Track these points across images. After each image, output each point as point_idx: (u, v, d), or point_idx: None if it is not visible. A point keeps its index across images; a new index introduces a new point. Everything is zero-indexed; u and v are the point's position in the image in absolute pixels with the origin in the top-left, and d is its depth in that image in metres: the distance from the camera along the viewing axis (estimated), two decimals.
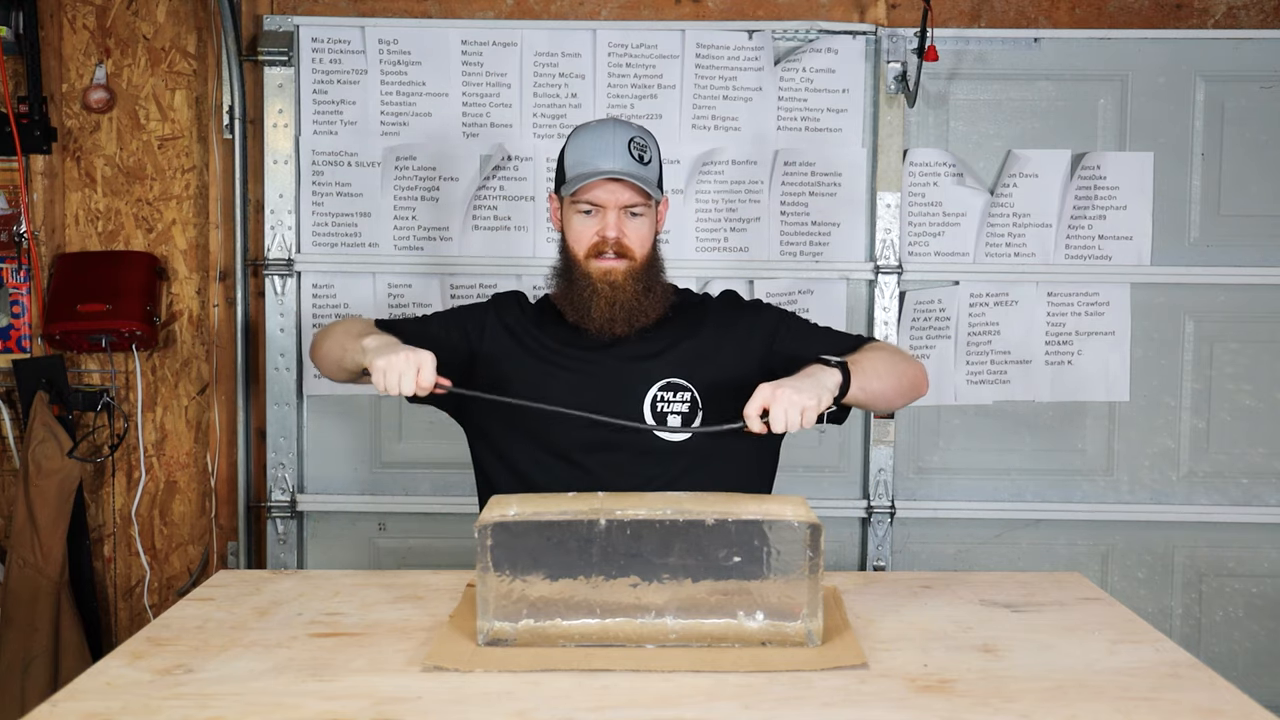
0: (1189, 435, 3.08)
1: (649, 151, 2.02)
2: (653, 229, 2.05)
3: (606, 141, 2.00)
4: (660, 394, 2.03)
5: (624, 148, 1.99)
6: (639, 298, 2.01)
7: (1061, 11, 3.06)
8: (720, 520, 1.52)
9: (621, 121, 2.06)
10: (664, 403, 2.02)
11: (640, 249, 2.02)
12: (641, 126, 2.07)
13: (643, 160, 2.00)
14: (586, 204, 2.01)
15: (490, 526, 1.51)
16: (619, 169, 1.97)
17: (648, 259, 2.04)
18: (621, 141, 1.99)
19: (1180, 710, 1.34)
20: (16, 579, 2.98)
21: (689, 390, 2.03)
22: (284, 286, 3.03)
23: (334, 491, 3.10)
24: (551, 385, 2.04)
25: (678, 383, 2.03)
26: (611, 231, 1.99)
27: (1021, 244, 3.06)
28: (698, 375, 2.05)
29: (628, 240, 2.01)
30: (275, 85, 3.01)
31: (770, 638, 1.52)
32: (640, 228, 2.02)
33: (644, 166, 2.00)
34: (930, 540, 3.11)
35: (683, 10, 3.06)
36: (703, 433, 1.96)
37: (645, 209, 2.01)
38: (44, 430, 2.97)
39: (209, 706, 1.34)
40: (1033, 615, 1.69)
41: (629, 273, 2.01)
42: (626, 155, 1.98)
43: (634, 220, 2.01)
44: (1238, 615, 3.11)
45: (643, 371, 2.04)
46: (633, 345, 2.06)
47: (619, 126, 2.03)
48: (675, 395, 2.03)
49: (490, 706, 1.34)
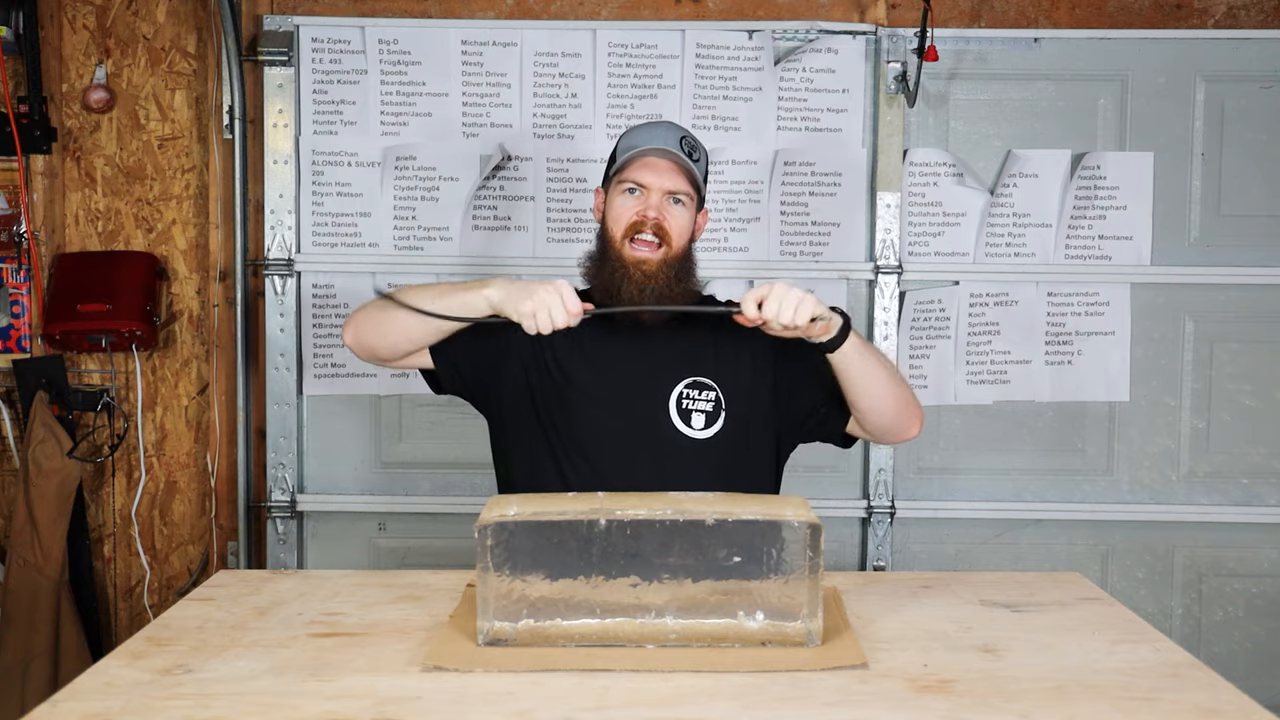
0: (1189, 435, 3.09)
1: (698, 152, 2.07)
2: (691, 224, 2.06)
3: (660, 131, 2.05)
4: (686, 391, 2.03)
5: (675, 139, 2.03)
6: (670, 286, 2.00)
7: (1061, 11, 3.06)
8: (720, 520, 1.52)
9: (673, 124, 2.10)
10: (689, 400, 2.03)
11: (678, 238, 2.02)
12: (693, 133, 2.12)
13: (691, 156, 2.03)
14: (632, 183, 2.02)
15: (490, 526, 1.51)
16: (670, 148, 2.01)
17: (683, 253, 2.04)
18: (674, 134, 2.04)
19: (1180, 710, 1.34)
20: (16, 579, 2.98)
21: (714, 390, 2.04)
22: (284, 286, 3.03)
23: (334, 491, 3.10)
24: (578, 374, 2.04)
25: (704, 381, 2.04)
26: (653, 211, 2.00)
27: (1021, 244, 3.06)
28: (723, 376, 2.06)
29: (667, 224, 2.01)
30: (275, 85, 3.01)
31: (770, 638, 1.51)
32: (680, 216, 2.03)
33: (692, 161, 2.03)
34: (930, 540, 3.11)
35: (683, 10, 3.06)
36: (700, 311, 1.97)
37: (688, 200, 2.03)
38: (44, 430, 2.97)
39: (209, 706, 1.34)
40: (1033, 615, 1.69)
41: (662, 261, 2.01)
42: (677, 147, 2.02)
43: (676, 207, 2.02)
44: (1238, 615, 3.11)
45: (670, 368, 2.05)
46: (661, 342, 2.06)
47: (670, 126, 2.08)
48: (700, 394, 2.03)
49: (490, 706, 1.34)
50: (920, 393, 3.06)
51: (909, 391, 2.04)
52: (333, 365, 3.07)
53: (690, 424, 2.02)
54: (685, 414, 2.02)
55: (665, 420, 2.01)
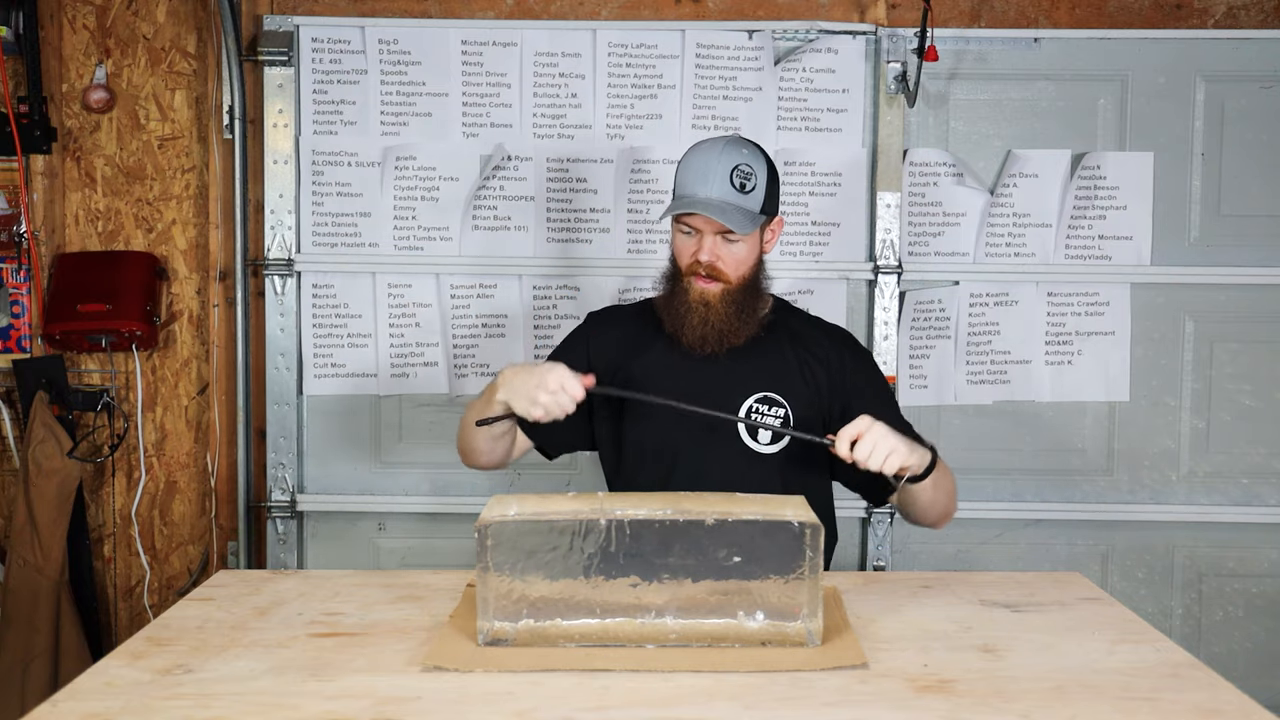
0: (1189, 435, 3.09)
1: (753, 179, 2.00)
2: (753, 252, 2.05)
3: (710, 167, 1.99)
4: (756, 405, 2.06)
5: (725, 176, 1.99)
6: (730, 320, 2.03)
7: (1061, 11, 3.06)
8: (720, 520, 1.52)
9: (735, 144, 2.03)
10: (758, 414, 2.06)
11: (735, 272, 2.03)
12: (755, 148, 2.05)
13: (744, 189, 1.99)
14: (686, 225, 2.03)
15: (490, 526, 1.51)
16: (714, 198, 1.98)
17: (745, 280, 2.05)
18: (725, 169, 1.99)
19: (1180, 710, 1.34)
20: (16, 579, 2.98)
21: (784, 406, 2.06)
22: (284, 286, 3.03)
23: (334, 491, 3.10)
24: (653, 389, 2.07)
25: (773, 397, 2.06)
26: (705, 255, 2.01)
27: (1021, 244, 3.06)
28: (793, 393, 2.08)
29: (721, 265, 2.02)
30: (275, 85, 3.01)
31: (770, 638, 1.51)
32: (737, 252, 2.02)
33: (744, 195, 1.99)
34: (930, 540, 3.10)
35: (683, 10, 3.06)
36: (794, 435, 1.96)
37: (742, 235, 2.01)
38: (44, 430, 2.97)
39: (209, 706, 1.34)
40: (1033, 615, 1.69)
41: (723, 295, 2.03)
42: (726, 184, 1.98)
43: (729, 245, 2.02)
44: (1238, 615, 3.11)
45: (741, 382, 2.07)
46: (737, 355, 2.08)
47: (728, 151, 2.01)
48: (770, 409, 2.06)
49: (490, 706, 1.34)
50: (920, 393, 3.07)
51: (954, 504, 2.08)
52: (333, 365, 3.07)
53: (757, 438, 2.06)
54: (752, 429, 2.06)
55: (733, 433, 2.05)
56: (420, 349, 3.06)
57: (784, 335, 2.13)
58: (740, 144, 2.03)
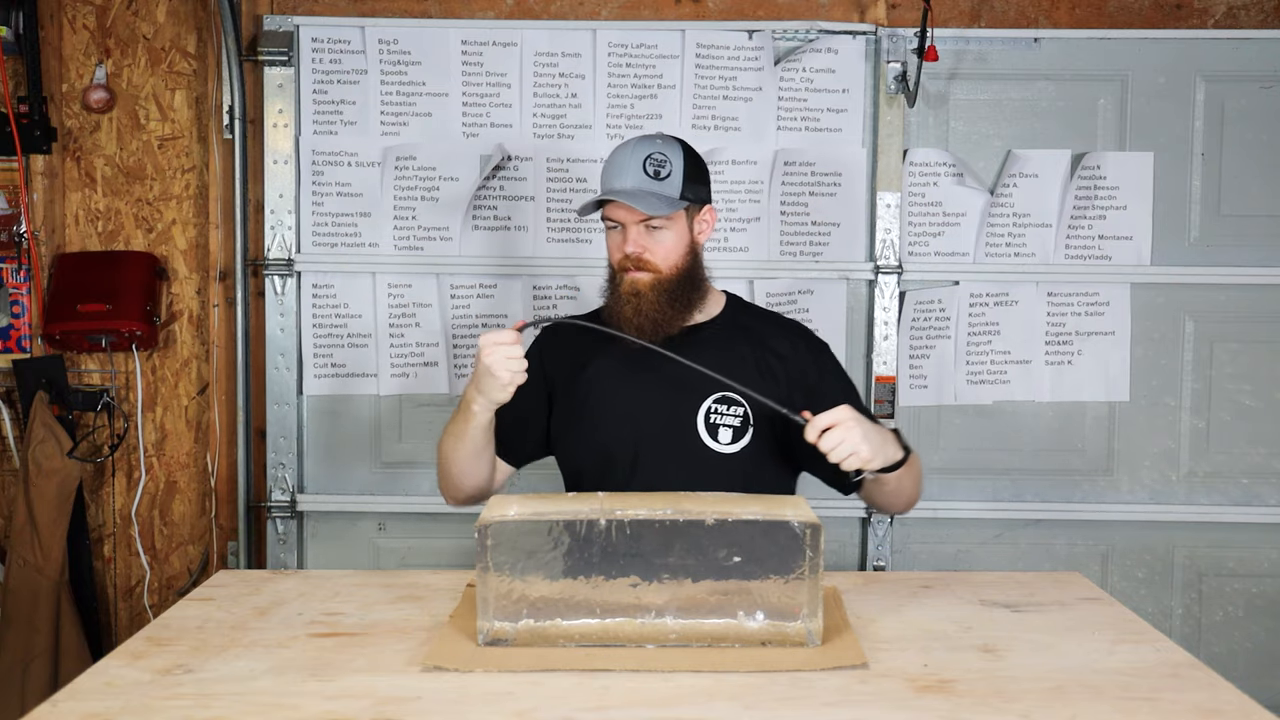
0: (1189, 435, 3.08)
1: (666, 166, 2.03)
2: (681, 240, 2.06)
3: (622, 161, 2.04)
4: (714, 405, 2.06)
5: (639, 166, 2.02)
6: (663, 308, 2.04)
7: (1061, 11, 3.06)
8: (720, 520, 1.52)
9: (649, 138, 2.07)
10: (717, 415, 2.06)
11: (664, 261, 2.04)
12: (671, 140, 2.08)
13: (657, 176, 2.02)
14: (610, 220, 2.06)
15: (490, 526, 1.51)
16: (628, 187, 2.01)
17: (677, 270, 2.05)
18: (637, 160, 2.03)
19: (1180, 710, 1.34)
20: (16, 579, 2.98)
21: (742, 405, 2.06)
22: (284, 286, 3.03)
23: (334, 491, 3.10)
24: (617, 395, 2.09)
25: (732, 396, 2.06)
26: (631, 247, 2.03)
27: (1021, 244, 3.06)
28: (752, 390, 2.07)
29: (648, 255, 2.03)
30: (275, 85, 3.01)
31: (770, 638, 1.51)
32: (664, 241, 2.04)
33: (658, 181, 2.02)
34: (930, 540, 3.10)
35: (683, 10, 3.06)
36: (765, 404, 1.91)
37: (667, 222, 2.03)
38: (44, 430, 2.97)
39: (209, 706, 1.34)
40: (1033, 615, 1.69)
41: (653, 284, 2.04)
42: (640, 173, 2.02)
43: (654, 235, 2.03)
44: (1238, 615, 3.11)
45: (698, 383, 2.06)
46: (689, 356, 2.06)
47: (640, 144, 2.05)
48: (729, 408, 2.06)
49: (490, 706, 1.34)
50: (920, 393, 3.07)
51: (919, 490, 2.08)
52: (333, 365, 3.07)
53: (717, 438, 2.05)
54: (713, 428, 2.06)
55: (693, 434, 2.05)
56: (420, 349, 3.06)
57: (738, 332, 2.13)
58: (655, 138, 2.07)
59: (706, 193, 2.10)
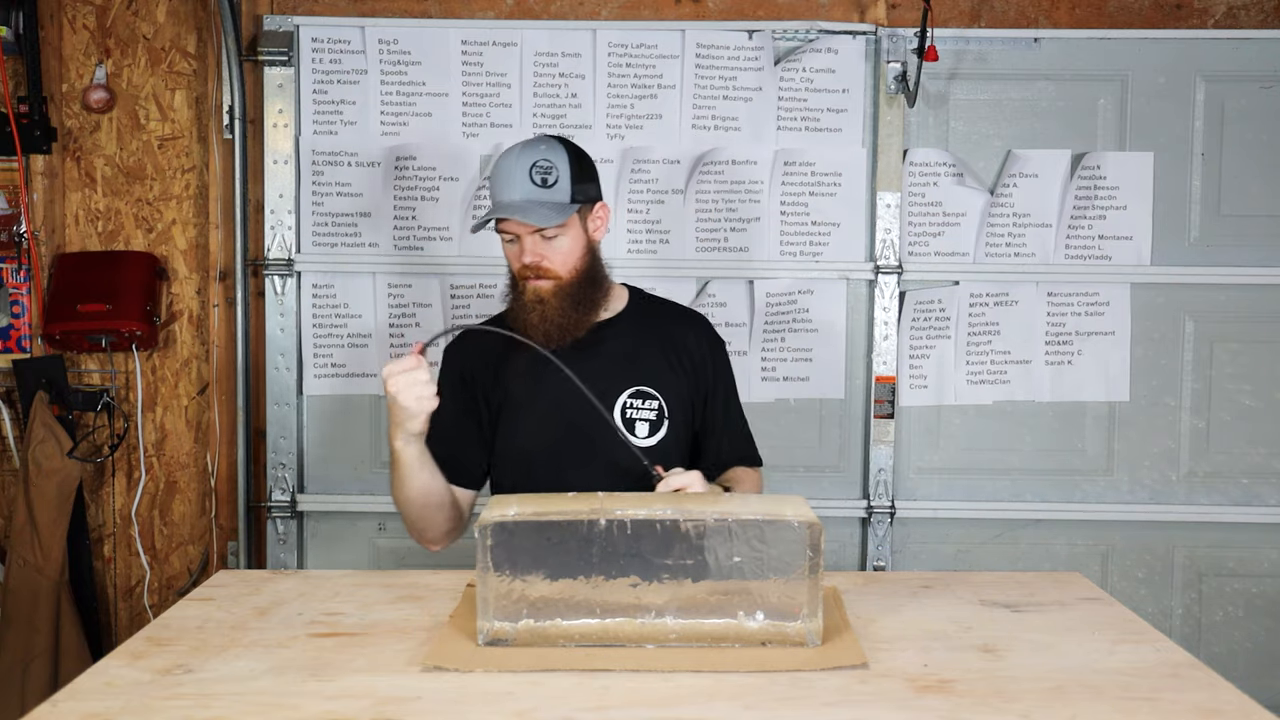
0: (1189, 435, 3.08)
1: (553, 173, 2.00)
2: (578, 243, 2.05)
3: (510, 171, 2.00)
4: (629, 400, 2.08)
5: (525, 175, 1.99)
6: (567, 313, 2.04)
7: (1061, 11, 3.06)
8: (720, 520, 1.52)
9: (533, 143, 2.03)
10: (633, 409, 2.08)
11: (563, 267, 2.03)
12: (555, 142, 2.04)
13: (545, 184, 1.99)
14: (504, 232, 2.05)
15: (490, 526, 1.51)
16: (517, 199, 1.99)
17: (578, 273, 2.05)
18: (523, 169, 1.99)
19: (1180, 710, 1.34)
20: (16, 579, 2.98)
21: (657, 398, 2.08)
22: (284, 286, 3.03)
23: (334, 491, 3.10)
24: (533, 400, 2.09)
25: (646, 390, 2.08)
26: (528, 258, 2.02)
27: (1021, 244, 3.06)
28: (664, 383, 2.10)
29: (546, 263, 2.02)
30: (275, 85, 3.01)
31: (770, 638, 1.51)
32: (560, 247, 2.03)
33: (546, 189, 1.99)
34: (930, 540, 3.10)
35: (683, 10, 3.06)
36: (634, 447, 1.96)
37: (560, 229, 2.01)
38: (44, 430, 2.97)
39: (209, 706, 1.34)
40: (1033, 615, 1.69)
41: (555, 290, 2.04)
42: (527, 183, 1.99)
43: (550, 242, 2.02)
44: (1238, 615, 3.11)
45: (612, 379, 2.08)
46: (603, 353, 2.09)
47: (525, 151, 2.01)
48: (644, 403, 2.08)
49: (490, 706, 1.34)
50: (920, 393, 3.07)
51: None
52: (333, 365, 3.07)
53: (635, 433, 2.07)
54: (629, 423, 2.07)
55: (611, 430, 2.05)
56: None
57: (647, 326, 2.14)
58: (539, 141, 2.04)
59: (596, 190, 2.08)
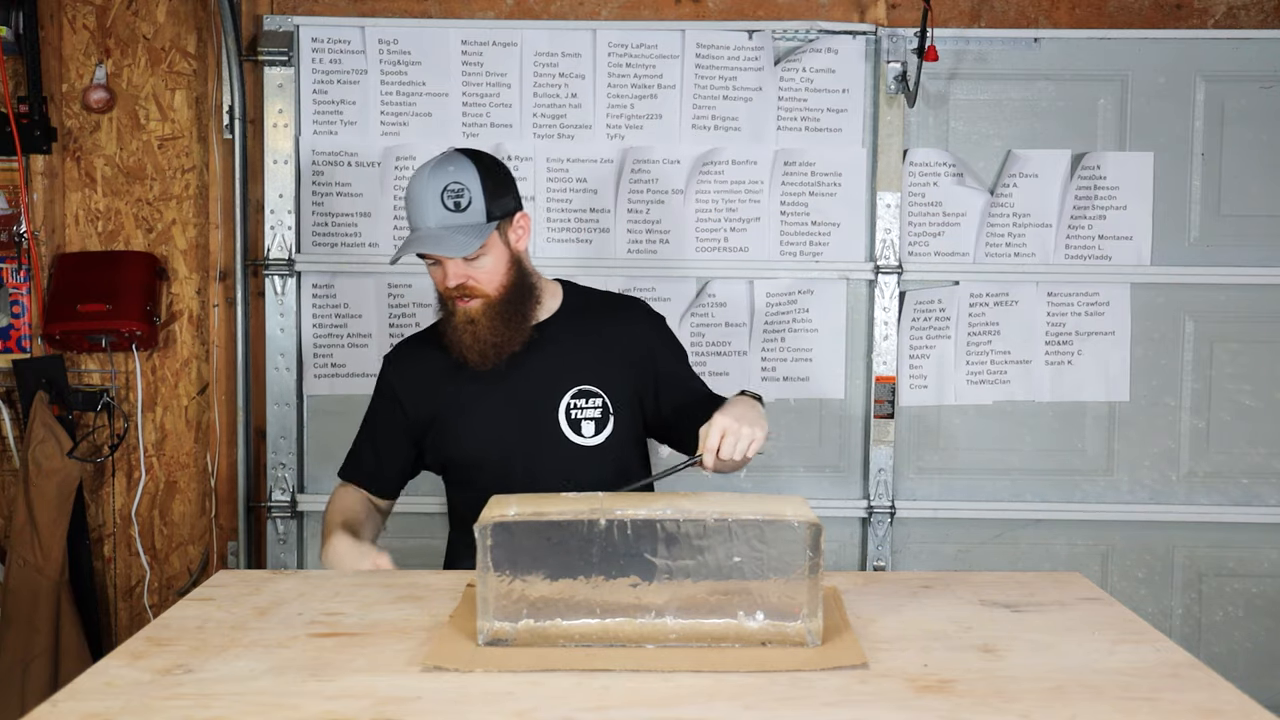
0: (1189, 435, 3.08)
1: (465, 195, 1.97)
2: (501, 259, 2.02)
3: (422, 196, 1.97)
4: (573, 402, 2.07)
5: (437, 200, 1.96)
6: (500, 330, 2.03)
7: (1061, 11, 3.06)
8: (720, 520, 1.51)
9: (441, 163, 1.99)
10: (577, 410, 2.07)
11: (490, 284, 2.02)
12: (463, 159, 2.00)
13: (458, 208, 1.96)
14: (426, 259, 2.03)
15: (490, 526, 1.51)
16: (431, 227, 1.96)
17: (506, 288, 2.03)
18: (434, 194, 1.96)
19: (1180, 710, 1.33)
20: (16, 579, 2.98)
21: (600, 395, 2.08)
22: (284, 286, 3.03)
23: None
24: (476, 408, 2.08)
25: (588, 389, 2.08)
26: (452, 282, 2.00)
27: (1021, 244, 3.06)
28: (607, 378, 2.10)
29: (473, 283, 2.01)
30: (275, 85, 3.01)
31: (770, 638, 1.51)
32: (484, 266, 2.00)
33: (460, 214, 1.96)
34: (930, 540, 3.10)
35: (683, 10, 3.06)
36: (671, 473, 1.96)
37: (481, 249, 1.99)
38: (44, 430, 2.97)
39: (209, 706, 1.34)
40: (1033, 615, 1.69)
41: (485, 309, 2.02)
42: (440, 208, 1.96)
43: (474, 263, 2.00)
44: (1238, 615, 3.11)
45: (555, 380, 2.07)
46: (544, 356, 2.08)
47: (434, 174, 1.98)
48: (587, 402, 2.07)
49: (490, 706, 1.34)
50: (920, 393, 3.07)
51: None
52: (333, 365, 3.07)
53: (581, 433, 2.07)
54: (575, 424, 2.07)
55: (557, 432, 2.06)
56: None
57: (585, 323, 2.13)
58: (448, 161, 1.99)
59: (514, 200, 2.05)
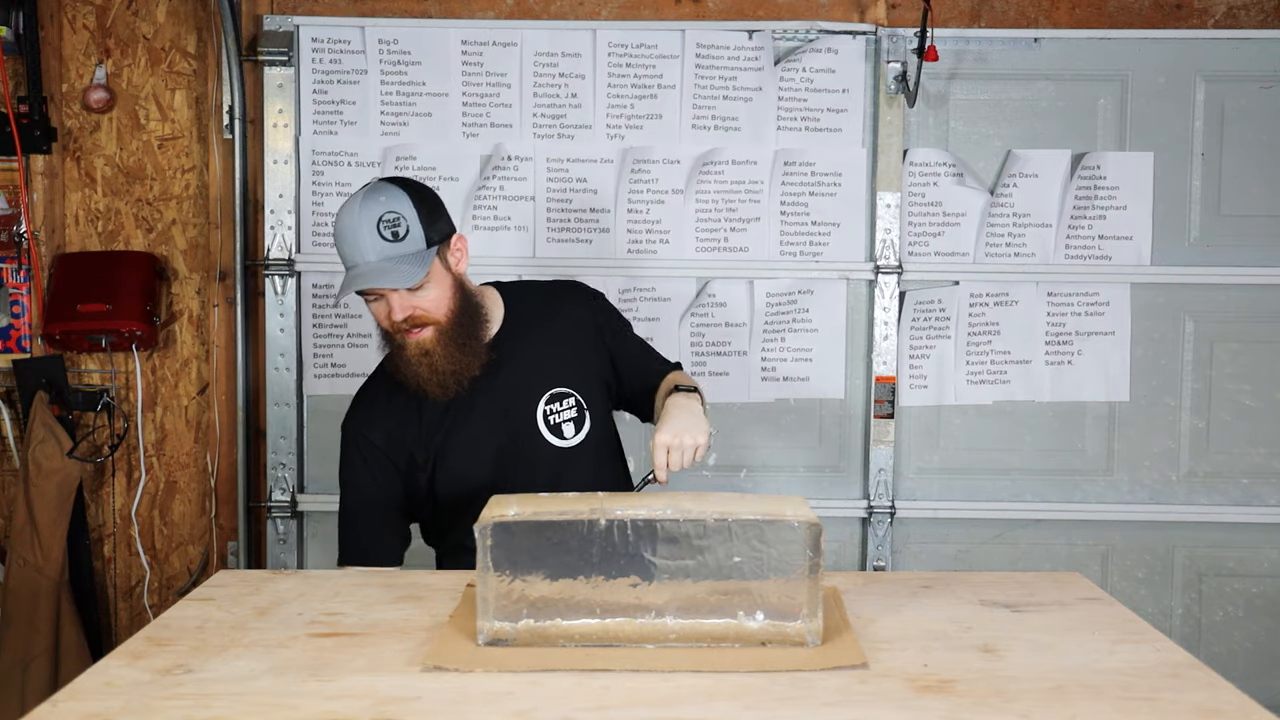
0: (1189, 435, 3.08)
1: (401, 224, 1.90)
2: (445, 284, 1.96)
3: (357, 229, 1.90)
4: (548, 408, 2.07)
5: (372, 232, 1.89)
6: (455, 357, 1.97)
7: (1061, 11, 3.06)
8: (720, 520, 1.52)
9: (371, 194, 1.92)
10: (554, 414, 2.07)
11: (439, 311, 1.95)
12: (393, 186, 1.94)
13: (396, 238, 1.90)
14: (367, 295, 1.96)
15: (490, 526, 1.51)
16: (371, 260, 1.89)
17: (454, 312, 1.97)
18: (370, 225, 1.89)
19: (1180, 710, 1.33)
20: (16, 579, 2.98)
21: (572, 395, 2.08)
22: (284, 286, 3.03)
23: (334, 491, 3.09)
24: (457, 434, 2.05)
25: (561, 391, 2.07)
26: (398, 315, 1.93)
27: (1021, 244, 3.06)
28: (573, 375, 2.09)
29: (420, 312, 1.94)
30: (275, 85, 3.01)
31: (770, 638, 1.51)
32: (428, 294, 1.94)
33: (399, 243, 1.89)
34: (930, 540, 3.10)
35: (683, 10, 3.06)
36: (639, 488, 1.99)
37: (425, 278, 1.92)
38: (44, 430, 2.97)
39: (209, 706, 1.34)
40: (1033, 615, 1.69)
41: (438, 337, 1.96)
42: (377, 239, 1.89)
43: (418, 293, 1.93)
44: (1238, 615, 3.11)
45: (528, 391, 2.06)
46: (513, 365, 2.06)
47: (366, 205, 1.91)
48: (562, 404, 2.07)
49: (490, 706, 1.34)
50: (920, 393, 3.07)
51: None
52: (333, 365, 3.07)
53: (562, 435, 2.07)
54: (555, 428, 2.07)
55: (539, 439, 2.05)
56: None
57: (534, 324, 2.10)
58: (377, 192, 1.93)
59: (448, 224, 1.99)
